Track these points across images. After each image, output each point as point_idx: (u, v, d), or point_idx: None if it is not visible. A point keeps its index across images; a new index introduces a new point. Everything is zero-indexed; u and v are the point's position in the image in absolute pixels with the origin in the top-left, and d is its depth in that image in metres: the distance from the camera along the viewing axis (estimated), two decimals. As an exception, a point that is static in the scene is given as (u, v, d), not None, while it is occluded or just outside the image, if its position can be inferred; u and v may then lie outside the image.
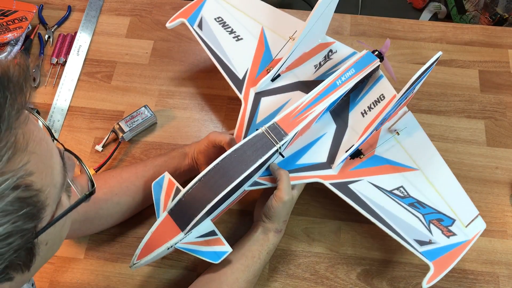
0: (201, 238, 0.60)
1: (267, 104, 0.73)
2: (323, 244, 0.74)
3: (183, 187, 0.61)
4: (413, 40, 0.94)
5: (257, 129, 0.65)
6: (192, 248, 0.59)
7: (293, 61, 0.77)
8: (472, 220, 0.65)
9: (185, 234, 0.58)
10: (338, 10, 0.79)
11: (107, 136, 0.82)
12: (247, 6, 0.84)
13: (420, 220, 0.65)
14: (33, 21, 0.94)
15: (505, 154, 0.82)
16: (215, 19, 0.82)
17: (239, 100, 0.87)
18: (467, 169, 0.80)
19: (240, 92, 0.75)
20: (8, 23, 0.89)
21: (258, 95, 0.74)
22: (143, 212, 0.75)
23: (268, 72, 0.75)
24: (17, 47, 0.90)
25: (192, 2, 0.84)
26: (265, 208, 0.66)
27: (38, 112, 0.84)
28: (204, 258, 0.59)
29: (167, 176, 0.64)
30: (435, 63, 0.63)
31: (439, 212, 0.65)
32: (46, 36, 0.94)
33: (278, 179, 0.65)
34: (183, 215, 0.58)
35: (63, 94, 0.87)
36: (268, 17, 0.82)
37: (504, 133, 0.84)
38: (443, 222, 0.65)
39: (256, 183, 0.66)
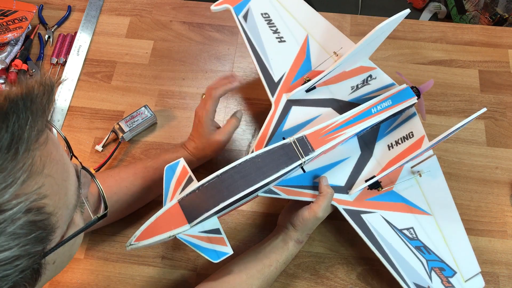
0: (204, 234, 0.59)
1: (297, 113, 0.72)
2: (323, 244, 0.74)
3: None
4: (413, 40, 0.94)
5: (283, 138, 0.63)
6: (193, 242, 0.58)
7: (331, 78, 0.76)
8: (472, 277, 0.65)
9: (190, 227, 0.57)
10: (338, 10, 0.79)
11: (107, 136, 0.82)
12: (297, 9, 0.81)
13: (423, 265, 0.65)
14: (33, 21, 0.94)
15: (505, 154, 0.82)
16: (261, 14, 0.79)
17: (239, 100, 0.87)
18: (467, 169, 0.80)
19: (272, 95, 0.73)
20: (8, 23, 0.89)
21: (290, 103, 0.73)
22: (143, 212, 0.75)
23: (305, 82, 0.73)
24: (17, 47, 0.90)
25: None
26: (294, 216, 0.65)
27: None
28: (203, 255, 0.58)
29: (182, 162, 0.62)
30: (474, 118, 0.62)
31: (443, 262, 0.65)
32: (46, 36, 0.94)
33: (321, 194, 0.64)
34: (193, 208, 0.57)
35: (63, 94, 0.87)
36: (316, 27, 0.80)
37: (504, 133, 0.84)
38: (445, 272, 0.65)
39: (270, 191, 0.65)
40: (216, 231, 0.60)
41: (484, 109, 0.62)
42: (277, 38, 0.78)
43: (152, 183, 0.70)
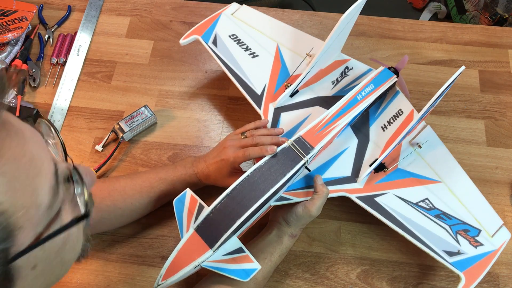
0: (228, 256, 0.59)
1: (288, 119, 0.73)
2: (323, 244, 0.74)
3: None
4: (413, 40, 0.94)
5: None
6: (219, 266, 0.57)
7: (310, 78, 0.78)
8: (497, 230, 0.67)
9: (213, 251, 0.56)
10: (338, 10, 0.79)
11: (107, 136, 0.82)
12: (261, 24, 0.84)
13: (447, 231, 0.65)
14: (33, 21, 0.94)
15: (505, 154, 0.82)
16: (229, 36, 0.82)
17: (239, 100, 0.87)
18: (467, 169, 0.80)
19: (259, 108, 0.75)
20: (8, 23, 0.89)
21: (278, 110, 0.74)
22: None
23: (287, 88, 0.75)
24: (17, 47, 0.90)
25: (205, 19, 0.84)
26: (288, 212, 0.66)
27: (38, 113, 0.84)
28: (232, 276, 0.57)
29: (188, 192, 0.62)
30: (456, 79, 0.64)
31: (465, 223, 0.66)
32: (46, 36, 0.94)
33: (316, 193, 0.64)
34: (211, 232, 0.57)
35: (63, 94, 0.87)
36: (283, 35, 0.83)
37: (504, 133, 0.84)
38: (470, 232, 0.66)
39: (281, 198, 0.66)
40: (239, 250, 0.59)
41: (463, 68, 0.64)
42: (249, 54, 0.80)
43: (157, 201, 0.71)
